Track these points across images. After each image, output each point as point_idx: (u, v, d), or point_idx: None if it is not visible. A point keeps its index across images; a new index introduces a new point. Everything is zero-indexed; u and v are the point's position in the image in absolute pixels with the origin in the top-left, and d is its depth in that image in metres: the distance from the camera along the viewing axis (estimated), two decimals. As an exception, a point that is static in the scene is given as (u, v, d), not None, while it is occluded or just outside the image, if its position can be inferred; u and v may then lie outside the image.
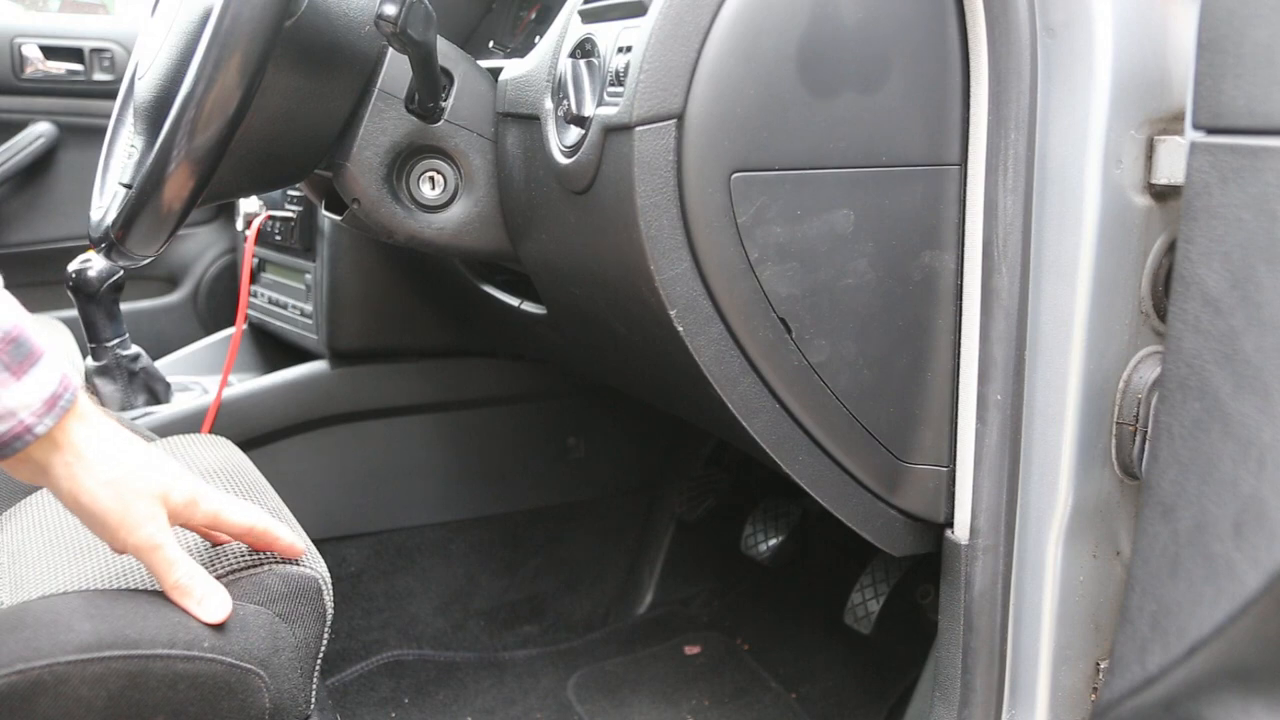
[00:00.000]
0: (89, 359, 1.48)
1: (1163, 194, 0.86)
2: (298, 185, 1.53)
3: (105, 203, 1.09)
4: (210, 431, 1.44)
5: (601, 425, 1.77)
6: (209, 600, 0.73)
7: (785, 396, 0.90)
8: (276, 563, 0.80)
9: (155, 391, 1.51)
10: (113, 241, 1.00)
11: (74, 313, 1.48)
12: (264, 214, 1.68)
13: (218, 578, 0.77)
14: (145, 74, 1.05)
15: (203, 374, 1.74)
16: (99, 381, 1.46)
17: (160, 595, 0.74)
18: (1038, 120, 0.85)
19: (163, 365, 1.73)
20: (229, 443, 1.09)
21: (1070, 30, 0.84)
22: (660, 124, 0.82)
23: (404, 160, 1.07)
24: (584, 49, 0.93)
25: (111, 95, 1.36)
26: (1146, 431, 0.87)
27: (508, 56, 1.23)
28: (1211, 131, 0.73)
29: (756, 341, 0.87)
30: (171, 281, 2.39)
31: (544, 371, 1.68)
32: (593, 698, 1.55)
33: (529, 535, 1.74)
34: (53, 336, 1.65)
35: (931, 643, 1.00)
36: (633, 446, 1.81)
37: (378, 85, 1.05)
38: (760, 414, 0.90)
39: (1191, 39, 0.73)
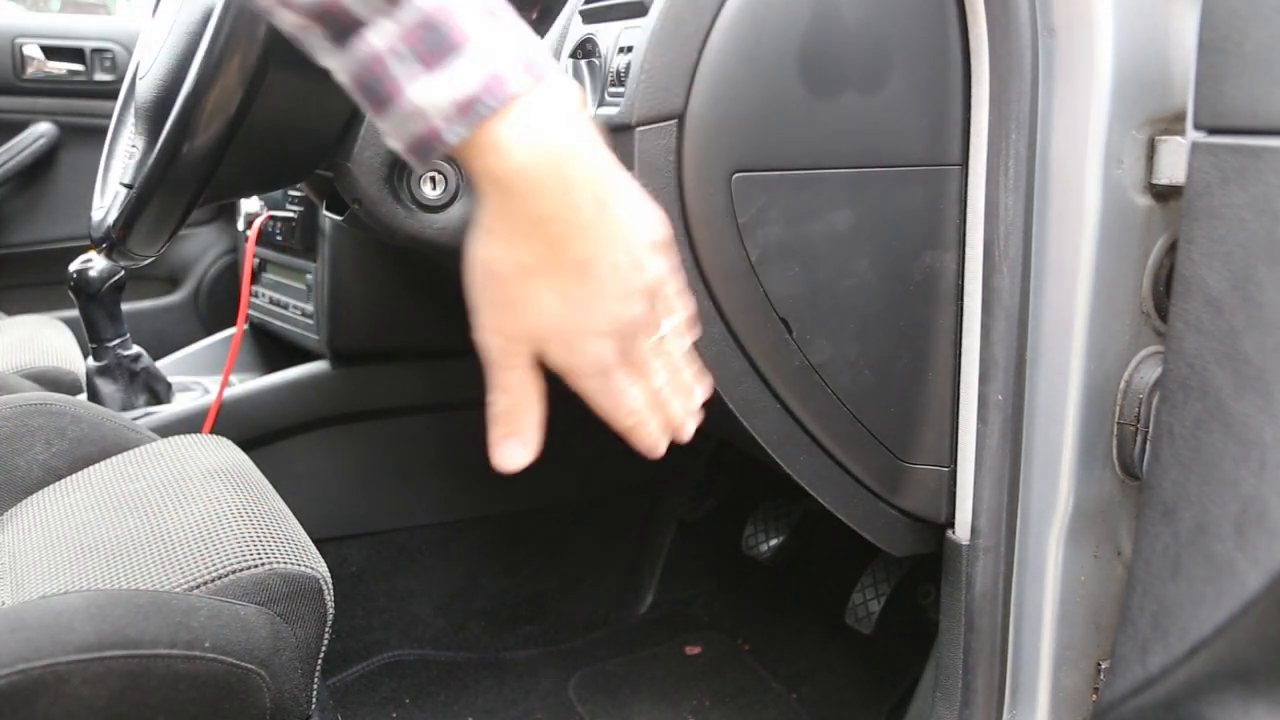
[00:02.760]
0: (90, 359, 1.49)
1: (1164, 194, 0.86)
2: (299, 185, 1.53)
3: (106, 203, 1.09)
4: (211, 432, 1.44)
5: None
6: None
7: (786, 396, 0.90)
8: (277, 563, 0.80)
9: (156, 391, 1.51)
10: (114, 241, 1.00)
11: (75, 313, 1.48)
12: (265, 214, 1.68)
13: (217, 578, 0.77)
14: (146, 74, 1.05)
15: (204, 374, 1.74)
16: (100, 381, 1.47)
17: (161, 595, 0.74)
18: (1039, 120, 0.85)
19: (164, 365, 1.73)
20: (230, 443, 1.09)
21: (1071, 30, 0.84)
22: (661, 124, 0.82)
23: (405, 160, 1.07)
24: (585, 49, 0.93)
25: (112, 95, 1.36)
26: (1147, 432, 0.87)
27: (509, 57, 1.23)
28: (1213, 132, 0.72)
29: (757, 341, 0.87)
30: (172, 281, 2.39)
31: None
32: (593, 698, 1.55)
33: (530, 535, 1.74)
34: (56, 336, 1.65)
35: (932, 643, 1.00)
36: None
37: (379, 85, 1.05)
38: (761, 414, 0.90)
39: (1192, 39, 0.73)
